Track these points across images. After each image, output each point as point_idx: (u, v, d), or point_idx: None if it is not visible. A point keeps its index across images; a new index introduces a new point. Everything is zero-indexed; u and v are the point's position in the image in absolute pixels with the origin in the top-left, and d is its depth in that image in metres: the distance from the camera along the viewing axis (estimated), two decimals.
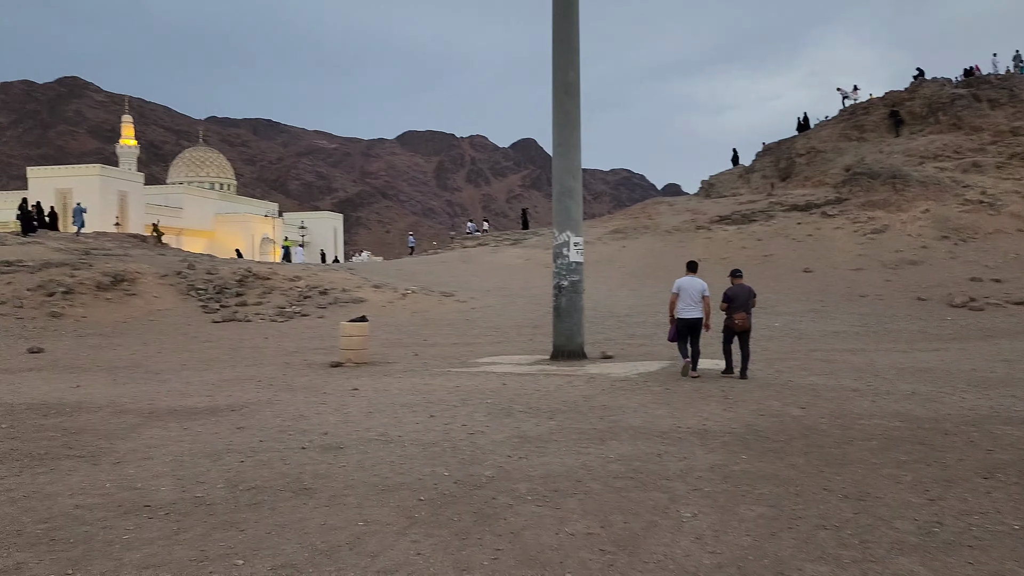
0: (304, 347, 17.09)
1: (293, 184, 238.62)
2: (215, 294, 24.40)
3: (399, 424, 8.32)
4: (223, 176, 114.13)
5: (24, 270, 23.78)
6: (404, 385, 11.31)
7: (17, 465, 6.64)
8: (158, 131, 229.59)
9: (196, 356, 15.76)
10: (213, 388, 11.40)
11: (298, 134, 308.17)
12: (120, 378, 12.75)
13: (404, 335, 19.19)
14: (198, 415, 9.11)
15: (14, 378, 12.94)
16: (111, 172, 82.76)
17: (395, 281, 27.66)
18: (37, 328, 19.59)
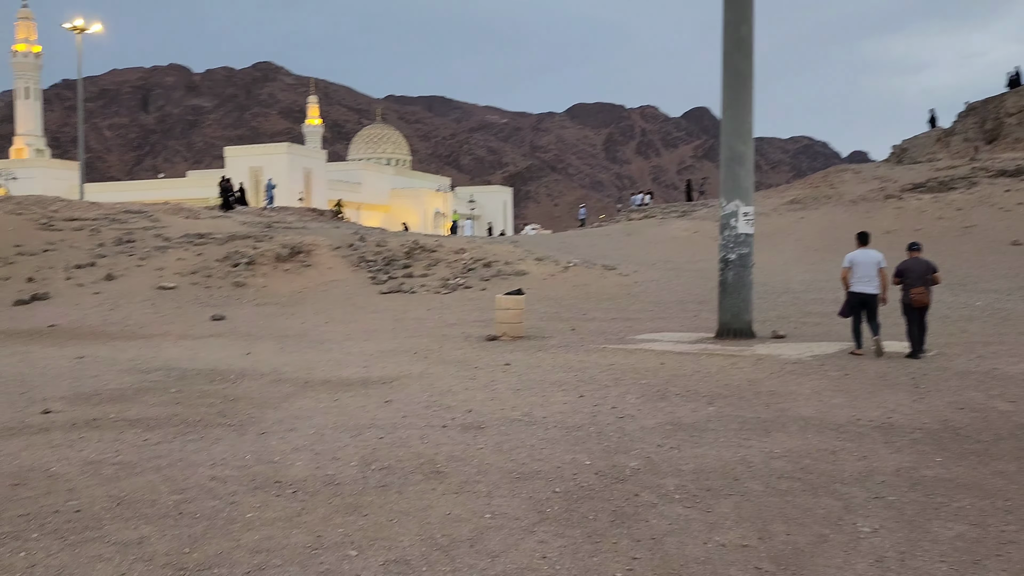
0: (464, 319, 17.09)
1: (465, 159, 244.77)
2: (384, 266, 25.06)
3: (546, 404, 7.90)
4: (398, 152, 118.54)
5: (213, 242, 25.44)
6: (557, 361, 10.89)
7: (173, 431, 6.80)
8: (341, 110, 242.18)
9: (361, 326, 16.13)
10: (370, 359, 11.49)
11: (470, 110, 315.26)
12: (287, 347, 13.18)
13: (563, 309, 18.80)
14: (350, 387, 9.12)
15: (196, 344, 13.71)
16: (297, 150, 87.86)
17: (557, 254, 27.32)
18: (222, 297, 20.86)
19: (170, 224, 28.15)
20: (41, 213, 27.18)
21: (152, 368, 10.76)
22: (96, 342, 14.01)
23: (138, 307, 18.91)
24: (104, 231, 26.18)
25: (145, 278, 21.84)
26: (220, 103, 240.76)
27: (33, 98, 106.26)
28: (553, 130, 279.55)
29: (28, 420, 7.33)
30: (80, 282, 21.12)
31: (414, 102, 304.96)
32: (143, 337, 14.71)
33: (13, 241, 23.58)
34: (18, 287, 20.39)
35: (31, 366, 11.18)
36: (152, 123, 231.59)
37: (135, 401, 8.25)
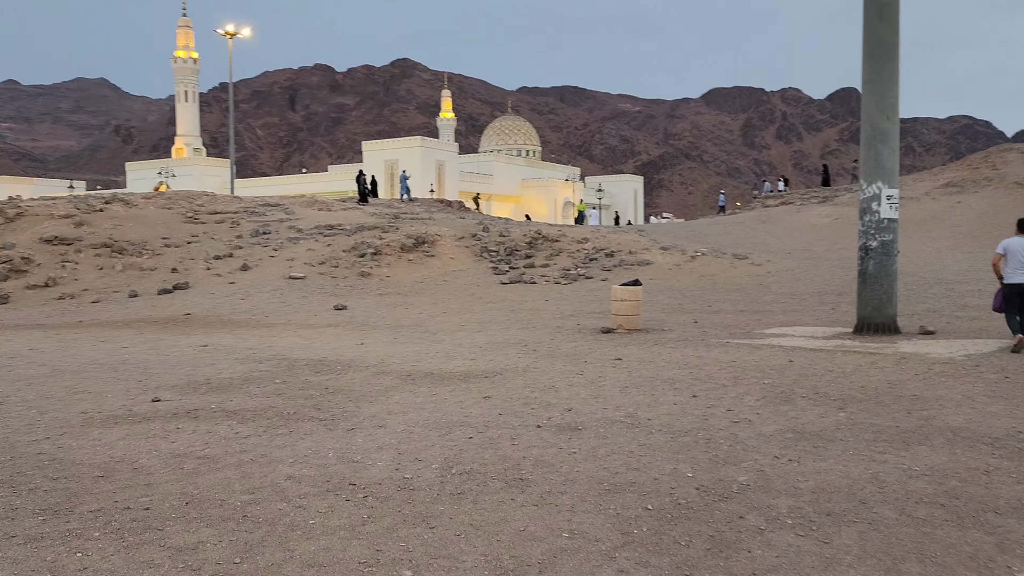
0: (581, 310, 16.58)
1: (597, 148, 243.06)
2: (506, 256, 24.88)
3: (654, 404, 7.30)
4: (529, 143, 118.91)
5: (342, 233, 26.05)
6: (673, 357, 10.21)
7: (265, 424, 6.69)
8: (475, 104, 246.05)
9: (476, 317, 15.92)
10: (479, 352, 11.19)
11: (603, 99, 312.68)
12: (400, 337, 13.11)
13: (687, 300, 17.93)
14: (452, 380, 8.83)
15: (314, 333, 13.88)
16: (430, 143, 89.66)
17: (685, 243, 26.29)
18: (347, 286, 21.25)
19: (303, 216, 29.08)
20: (188, 207, 28.70)
21: (266, 357, 10.88)
22: (223, 330, 14.44)
23: (267, 296, 19.51)
24: (243, 223, 27.33)
25: (277, 268, 22.57)
26: (361, 100, 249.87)
27: (191, 101, 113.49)
28: (688, 116, 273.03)
29: (136, 408, 7.43)
30: (217, 272, 22.06)
31: (546, 93, 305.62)
32: (266, 326, 15.07)
33: (162, 234, 24.96)
34: (163, 277, 21.52)
35: (159, 353, 11.56)
36: (299, 121, 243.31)
37: (239, 391, 8.26)
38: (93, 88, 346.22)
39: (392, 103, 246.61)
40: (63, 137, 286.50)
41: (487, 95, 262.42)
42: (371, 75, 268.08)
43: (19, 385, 8.87)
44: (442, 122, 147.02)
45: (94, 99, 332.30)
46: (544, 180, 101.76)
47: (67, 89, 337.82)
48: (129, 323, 15.83)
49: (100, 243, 23.13)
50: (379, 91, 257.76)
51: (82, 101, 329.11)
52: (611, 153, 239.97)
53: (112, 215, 25.77)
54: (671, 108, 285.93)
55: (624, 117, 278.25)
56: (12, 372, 9.94)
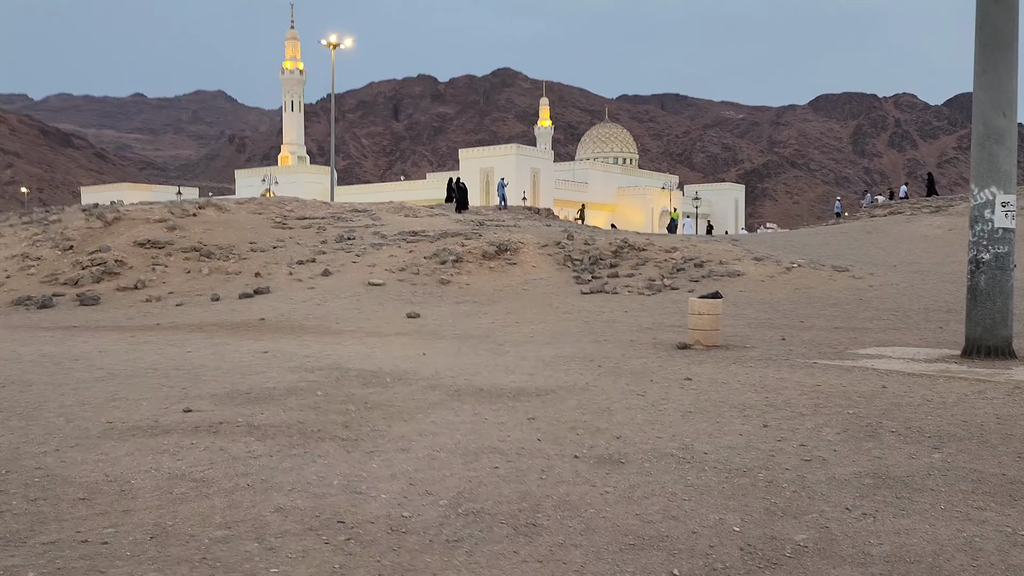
0: (660, 323, 15.65)
1: (698, 157, 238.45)
2: (589, 265, 24.11)
3: (715, 434, 6.46)
4: (626, 151, 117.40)
5: (425, 239, 25.84)
6: (750, 378, 9.26)
7: (284, 442, 6.21)
8: (575, 112, 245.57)
9: (548, 328, 15.23)
10: (541, 366, 10.51)
11: (704, 106, 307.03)
12: (464, 348, 12.56)
13: (777, 315, 16.73)
14: (501, 398, 8.18)
15: (379, 342, 13.50)
16: (525, 151, 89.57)
17: (781, 253, 24.87)
18: (425, 294, 20.93)
19: (389, 222, 29.09)
20: (278, 212, 29.16)
21: (320, 367, 10.52)
22: (290, 336, 14.26)
23: (343, 302, 19.37)
24: (329, 229, 27.52)
25: (357, 274, 22.50)
26: (462, 109, 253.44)
27: (297, 111, 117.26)
28: (794, 124, 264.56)
29: (163, 419, 7.11)
30: (299, 277, 22.15)
31: (647, 101, 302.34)
32: (335, 333, 14.81)
33: (249, 238, 25.36)
34: (246, 281, 21.75)
35: (218, 359, 11.38)
36: (402, 130, 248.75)
37: (276, 403, 7.85)
38: (211, 100, 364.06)
39: (492, 112, 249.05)
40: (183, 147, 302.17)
41: (587, 103, 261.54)
42: (472, 85, 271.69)
43: (65, 390, 8.75)
44: (539, 130, 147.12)
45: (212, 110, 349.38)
46: (640, 188, 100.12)
47: (188, 101, 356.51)
48: (203, 327, 15.88)
49: (190, 247, 23.63)
50: (479, 100, 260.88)
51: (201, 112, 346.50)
52: (712, 161, 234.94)
53: (204, 219, 26.37)
54: (776, 115, 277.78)
55: (727, 124, 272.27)
56: (68, 375, 9.88)
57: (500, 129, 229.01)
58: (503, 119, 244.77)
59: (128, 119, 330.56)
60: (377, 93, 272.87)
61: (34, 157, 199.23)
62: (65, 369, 10.46)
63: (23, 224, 25.24)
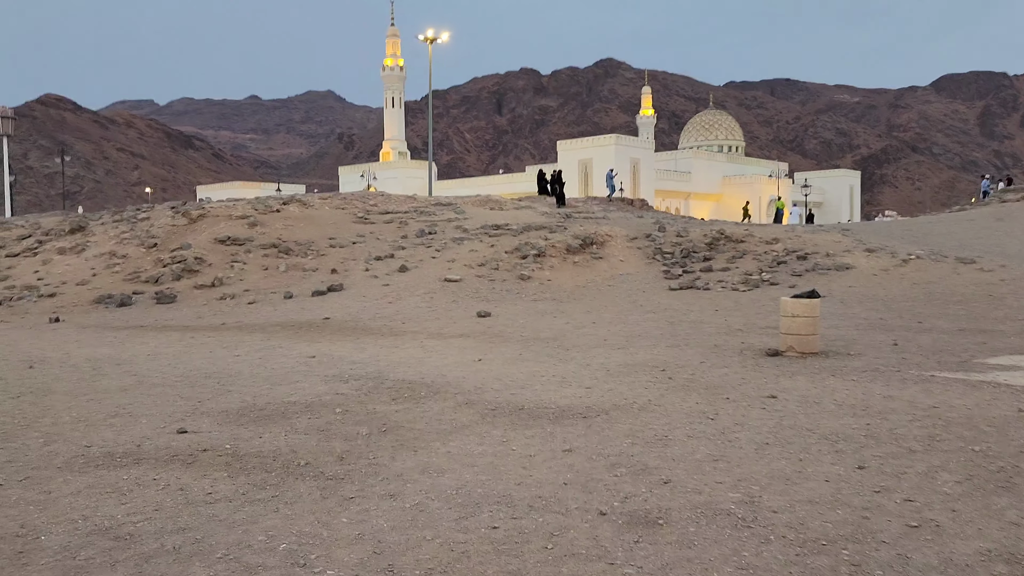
0: (753, 324, 14.01)
1: (811, 143, 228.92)
2: (681, 258, 22.48)
3: (794, 479, 5.05)
4: (731, 138, 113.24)
5: (508, 233, 24.78)
6: (850, 396, 7.69)
7: (256, 481, 5.20)
8: (679, 101, 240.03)
9: (626, 330, 13.86)
10: (602, 377, 9.22)
11: (817, 90, 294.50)
12: (527, 353, 11.38)
13: (891, 315, 14.78)
14: (541, 420, 6.97)
15: (439, 344, 12.50)
16: (625, 141, 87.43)
17: (898, 244, 22.51)
18: (503, 290, 19.86)
19: (473, 216, 28.18)
20: (360, 207, 28.72)
21: (359, 375, 9.57)
22: (347, 338, 13.44)
23: (416, 300, 18.52)
24: (411, 223, 26.84)
25: (435, 270, 21.64)
26: (565, 101, 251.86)
27: (398, 107, 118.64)
28: (915, 106, 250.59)
29: (147, 443, 6.26)
30: (375, 273, 21.48)
31: (755, 87, 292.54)
32: (396, 334, 13.90)
33: (329, 234, 24.93)
34: (321, 278, 21.24)
35: (260, 365, 10.63)
36: (504, 124, 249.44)
37: (283, 423, 6.90)
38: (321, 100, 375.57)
39: (595, 103, 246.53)
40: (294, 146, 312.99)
41: (691, 91, 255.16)
42: (575, 76, 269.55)
43: (77, 401, 8.09)
44: (642, 120, 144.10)
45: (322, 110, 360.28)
46: (747, 177, 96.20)
47: (299, 102, 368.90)
48: (266, 327, 15.30)
49: (269, 243, 23.36)
50: (582, 92, 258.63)
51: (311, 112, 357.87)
52: (826, 148, 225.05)
53: (286, 216, 26.14)
54: (895, 97, 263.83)
55: (841, 109, 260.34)
56: (94, 383, 9.28)
57: (602, 120, 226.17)
58: (606, 110, 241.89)
59: (243, 120, 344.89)
60: (480, 88, 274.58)
61: (158, 159, 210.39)
62: (98, 375, 9.90)
63: (114, 222, 25.64)
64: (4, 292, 21.13)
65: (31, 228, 27.04)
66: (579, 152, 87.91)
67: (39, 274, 22.48)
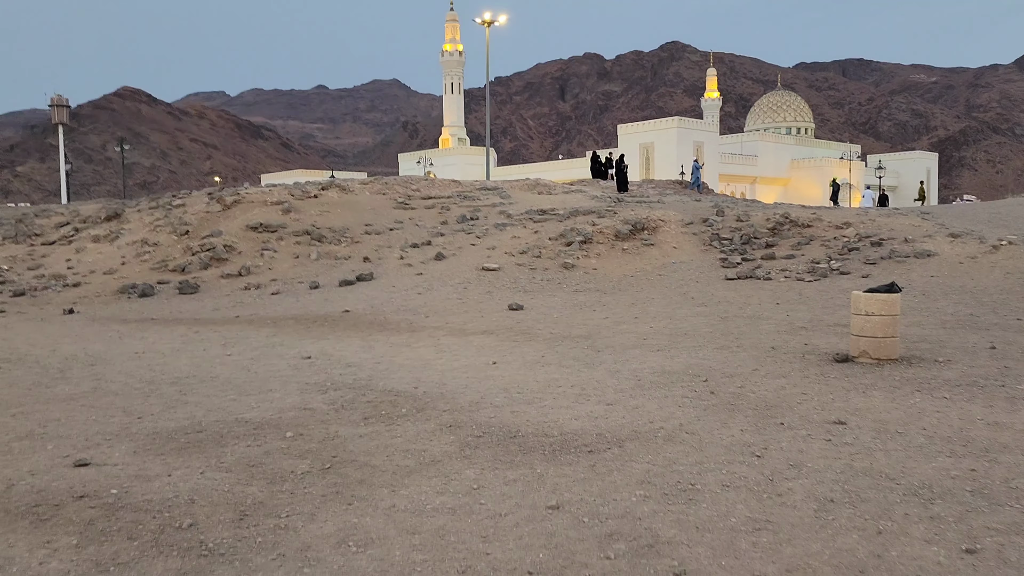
0: (819, 321, 12.17)
1: (884, 125, 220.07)
2: (740, 245, 20.54)
3: (873, 567, 3.42)
4: (800, 120, 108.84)
5: (554, 219, 23.19)
6: (942, 423, 5.95)
7: (103, 556, 3.82)
8: (747, 83, 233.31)
9: (671, 326, 12.17)
10: (629, 389, 7.64)
11: (891, 71, 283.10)
12: (550, 355, 9.84)
13: (983, 309, 12.73)
14: (532, 454, 5.45)
15: (456, 343, 11.06)
16: (687, 124, 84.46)
17: (984, 228, 20.15)
18: (543, 280, 18.31)
19: (518, 200, 26.66)
20: (402, 192, 27.47)
21: (343, 383, 8.19)
22: (358, 335, 12.11)
23: (448, 291, 17.13)
24: (453, 208, 25.48)
25: (473, 258, 20.22)
26: (629, 86, 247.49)
27: (457, 93, 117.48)
28: (996, 85, 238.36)
29: (20, 484, 4.96)
30: (409, 262, 20.17)
31: (826, 68, 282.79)
32: (414, 330, 12.51)
33: (367, 220, 23.75)
34: (352, 267, 20.04)
35: (241, 368, 9.37)
36: (568, 110, 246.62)
37: (207, 454, 5.54)
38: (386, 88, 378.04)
39: (659, 87, 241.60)
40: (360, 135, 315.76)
41: (759, 74, 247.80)
42: (639, 60, 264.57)
43: (11, 414, 6.89)
44: (706, 103, 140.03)
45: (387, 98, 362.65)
46: (816, 160, 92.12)
47: (365, 91, 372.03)
48: (279, 320, 14.10)
49: (302, 230, 22.27)
50: (647, 76, 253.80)
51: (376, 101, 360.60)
52: (901, 129, 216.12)
53: (324, 201, 25.05)
54: (974, 77, 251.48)
55: (917, 89, 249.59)
56: (44, 389, 8.12)
57: (667, 104, 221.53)
58: (670, 94, 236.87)
59: (311, 110, 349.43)
60: (544, 74, 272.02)
61: (229, 148, 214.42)
62: (59, 379, 8.76)
63: (149, 209, 24.93)
64: (32, 281, 20.52)
65: (70, 216, 26.58)
66: (640, 136, 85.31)
67: (70, 263, 21.86)
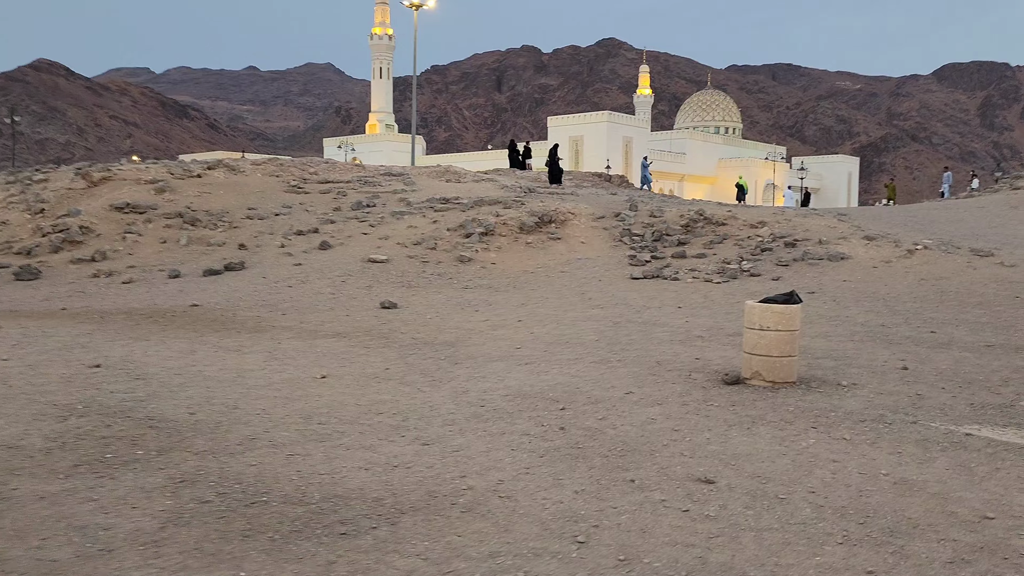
0: (718, 329, 10.86)
1: (810, 129, 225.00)
2: (652, 242, 19.28)
3: None
4: (729, 120, 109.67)
5: (457, 208, 21.54)
6: (838, 480, 4.54)
7: None
8: (680, 83, 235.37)
9: (556, 332, 10.69)
10: (464, 420, 6.09)
11: (819, 76, 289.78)
12: (397, 368, 8.22)
13: (896, 318, 11.63)
14: (269, 531, 3.83)
15: (295, 348, 9.33)
16: (617, 119, 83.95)
17: (901, 231, 19.35)
18: (432, 275, 16.68)
19: (423, 188, 24.92)
20: (298, 175, 25.43)
21: (104, 407, 6.43)
22: (190, 334, 10.27)
23: (321, 285, 15.33)
24: (351, 194, 23.59)
25: (362, 248, 18.44)
26: (565, 80, 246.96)
27: (386, 77, 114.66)
28: (916, 95, 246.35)
29: None
30: (290, 251, 18.27)
31: (757, 71, 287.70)
32: (258, 331, 10.74)
33: (251, 203, 21.69)
34: (224, 254, 18.03)
35: (6, 382, 7.47)
36: (504, 102, 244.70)
37: None
38: (320, 72, 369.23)
39: (595, 83, 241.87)
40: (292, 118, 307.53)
41: (693, 74, 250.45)
42: (576, 55, 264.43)
43: None
44: (639, 99, 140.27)
45: (321, 83, 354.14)
46: (743, 160, 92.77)
47: (298, 74, 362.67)
48: (109, 315, 12.11)
49: (175, 212, 20.09)
50: (583, 71, 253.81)
51: (310, 85, 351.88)
52: (826, 134, 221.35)
53: (207, 182, 22.85)
54: (896, 85, 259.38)
55: (842, 96, 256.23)
56: None
57: (603, 100, 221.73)
58: (606, 90, 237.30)
59: (241, 91, 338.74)
60: (481, 65, 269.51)
61: (152, 127, 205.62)
62: None
63: (5, 184, 22.34)
64: None
65: None
66: (571, 129, 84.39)
67: None
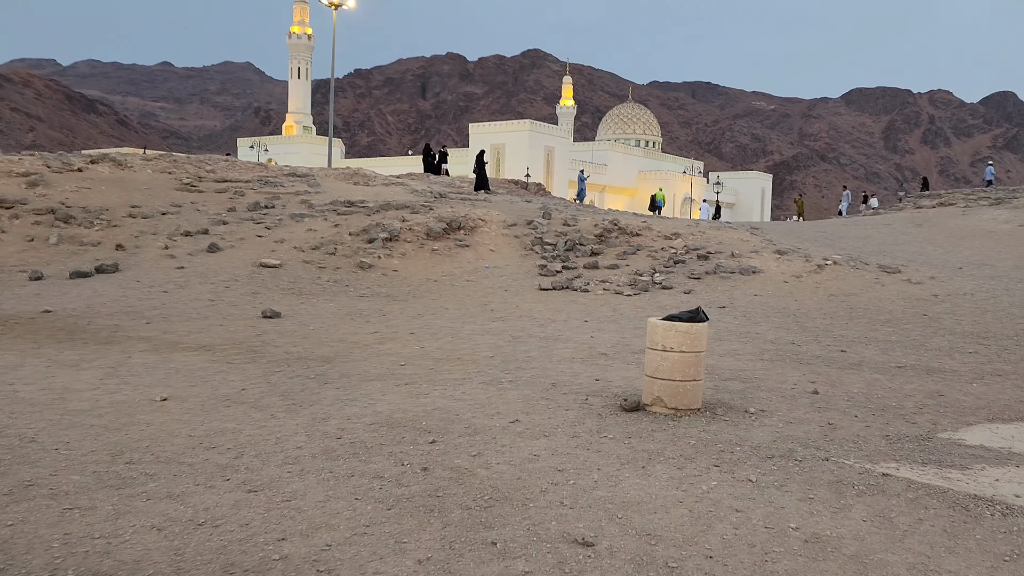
0: (625, 345, 10.14)
1: (727, 147, 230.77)
2: (564, 251, 18.60)
3: None
4: (649, 133, 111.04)
5: (361, 212, 20.44)
6: (746, 534, 3.77)
7: None
8: (603, 96, 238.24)
9: (449, 347, 9.79)
10: (311, 457, 5.13)
11: (736, 96, 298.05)
12: (254, 390, 7.17)
13: (806, 336, 11.15)
14: None
15: (145, 364, 8.17)
16: (539, 127, 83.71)
17: (811, 246, 19.19)
18: (328, 281, 15.57)
19: (328, 190, 23.70)
20: (193, 172, 23.85)
21: None
22: (22, 347, 8.96)
23: (202, 290, 14.04)
24: (249, 194, 22.20)
25: (254, 252, 17.16)
26: (490, 89, 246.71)
27: (304, 78, 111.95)
28: (826, 117, 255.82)
29: None
30: (173, 253, 16.84)
31: (678, 88, 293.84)
32: (106, 343, 9.48)
33: (136, 201, 20.08)
34: (99, 255, 16.49)
35: None
36: (428, 108, 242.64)
37: None
38: (239, 72, 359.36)
39: (519, 93, 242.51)
40: (208, 117, 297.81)
41: (616, 88, 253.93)
42: (501, 65, 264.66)
43: None
44: (561, 110, 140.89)
45: (239, 82, 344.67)
46: (662, 173, 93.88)
47: (215, 72, 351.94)
48: None
49: (46, 208, 18.37)
50: (508, 81, 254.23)
51: (228, 84, 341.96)
52: (741, 151, 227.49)
53: (88, 176, 21.11)
54: (808, 107, 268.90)
55: (757, 115, 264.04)
56: None
57: (527, 110, 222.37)
58: (531, 100, 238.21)
59: (154, 88, 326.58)
60: (405, 70, 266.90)
61: (56, 121, 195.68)
62: None
63: None
64: None
65: None
66: (493, 136, 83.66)
67: None
